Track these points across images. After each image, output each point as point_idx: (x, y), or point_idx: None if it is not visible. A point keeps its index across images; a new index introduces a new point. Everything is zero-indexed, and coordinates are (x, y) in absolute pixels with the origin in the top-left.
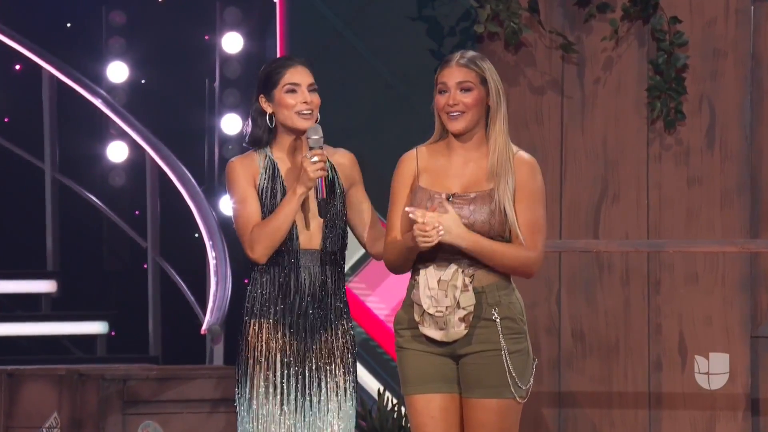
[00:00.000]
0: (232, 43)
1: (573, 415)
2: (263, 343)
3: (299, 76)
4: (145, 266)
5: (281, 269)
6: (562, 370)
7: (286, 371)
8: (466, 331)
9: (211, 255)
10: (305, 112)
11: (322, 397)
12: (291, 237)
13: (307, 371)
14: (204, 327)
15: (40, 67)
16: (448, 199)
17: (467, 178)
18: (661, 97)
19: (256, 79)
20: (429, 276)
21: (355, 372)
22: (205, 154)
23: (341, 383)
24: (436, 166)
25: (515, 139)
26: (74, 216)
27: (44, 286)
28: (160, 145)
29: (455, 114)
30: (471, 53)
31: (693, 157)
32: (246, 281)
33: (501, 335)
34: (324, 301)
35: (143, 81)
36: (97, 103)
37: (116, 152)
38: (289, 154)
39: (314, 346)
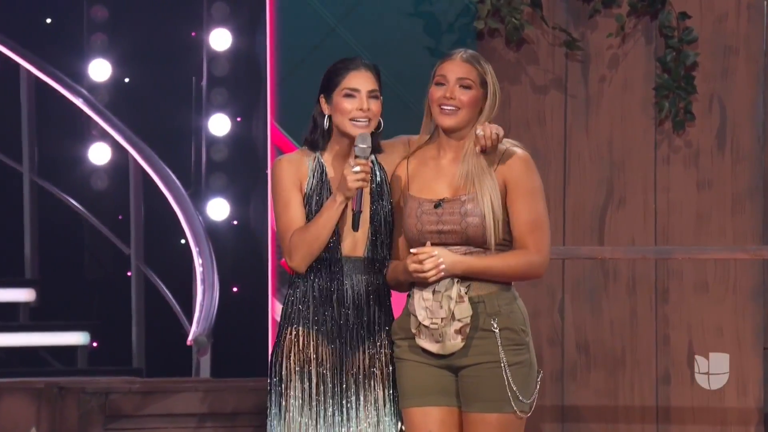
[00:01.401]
0: (220, 39)
1: (577, 430)
2: (299, 351)
3: (360, 80)
4: (129, 274)
5: (323, 276)
6: (566, 383)
7: (322, 383)
8: (463, 343)
9: (197, 262)
10: (361, 120)
11: (360, 412)
12: (334, 243)
13: (344, 383)
14: (190, 338)
15: (18, 65)
16: (436, 206)
17: (457, 180)
18: (670, 96)
19: (322, 79)
20: (424, 286)
21: (395, 386)
22: (192, 156)
23: (380, 396)
24: (425, 172)
25: (515, 139)
26: (54, 221)
27: (22, 295)
28: (144, 146)
29: (449, 109)
30: (473, 52)
31: (703, 160)
32: (235, 288)
33: (500, 347)
34: (365, 311)
35: (127, 79)
36: (78, 102)
37: (98, 154)
38: (341, 160)
39: (353, 358)
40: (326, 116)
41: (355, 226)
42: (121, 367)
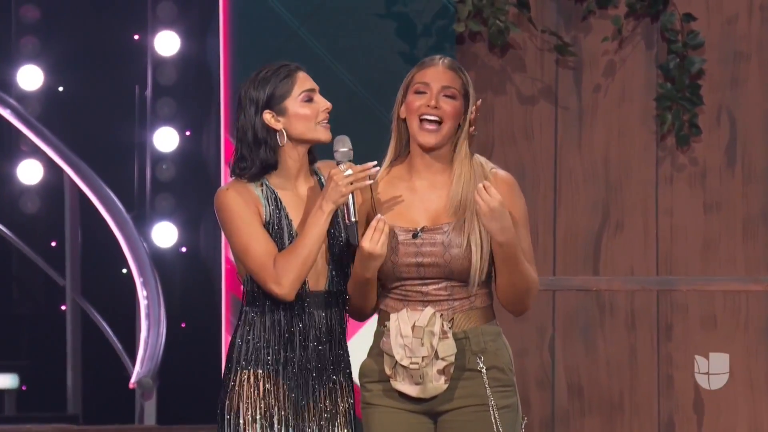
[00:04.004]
0: (167, 43)
1: None
2: (258, 397)
3: (309, 81)
4: (63, 308)
5: (282, 312)
6: (557, 431)
7: (284, 430)
8: (447, 385)
9: (141, 294)
10: (326, 121)
11: None
12: None
13: (308, 429)
14: (133, 380)
15: None
16: (415, 236)
17: (435, 206)
18: (673, 108)
19: (244, 98)
20: (402, 321)
21: (358, 428)
22: (135, 175)
23: None
24: (395, 196)
25: (500, 156)
26: None
27: None
28: (81, 164)
29: (431, 125)
30: (448, 58)
31: (710, 179)
32: (184, 324)
33: (488, 388)
34: (327, 350)
35: (61, 88)
36: (6, 114)
37: (28, 172)
38: (291, 180)
39: (317, 401)
40: (278, 131)
41: (355, 239)
42: (55, 413)
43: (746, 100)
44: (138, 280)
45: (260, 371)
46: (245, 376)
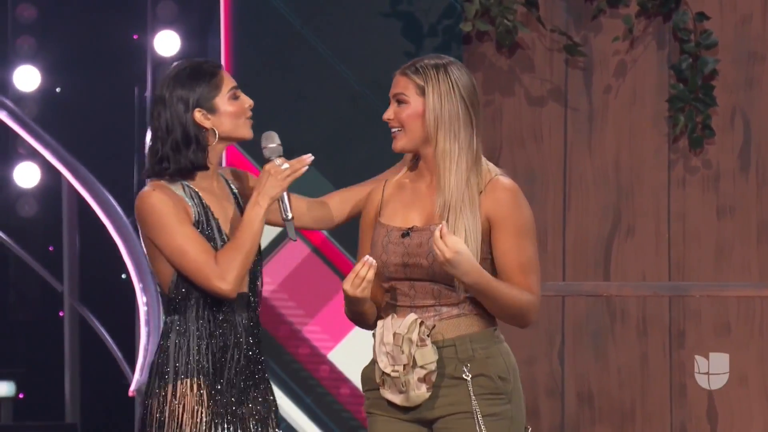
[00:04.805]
0: (167, 43)
1: None
2: (200, 408)
3: (231, 79)
4: (61, 314)
5: (212, 316)
6: None
7: None
8: (429, 393)
9: (141, 300)
10: (249, 117)
11: None
12: None
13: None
14: (132, 387)
15: None
16: (404, 235)
17: (431, 207)
18: (686, 109)
19: (170, 97)
20: (386, 329)
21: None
22: (135, 178)
23: None
24: (400, 196)
25: (508, 159)
26: None
27: None
28: (79, 166)
29: (393, 130)
30: (433, 59)
31: (724, 183)
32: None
33: (472, 395)
34: (253, 352)
35: (58, 89)
36: (2, 115)
37: (25, 176)
38: (208, 179)
39: (255, 403)
40: (209, 130)
41: (293, 234)
42: (53, 421)
43: (761, 102)
44: (137, 286)
45: (195, 381)
46: (181, 388)
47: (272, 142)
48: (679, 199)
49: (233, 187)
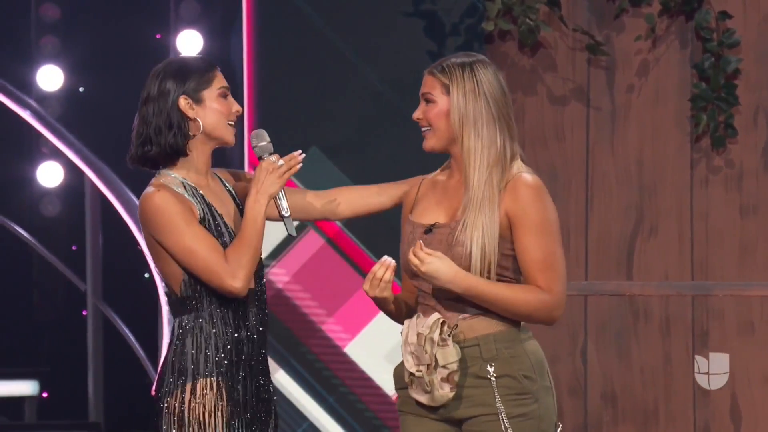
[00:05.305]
0: (190, 42)
1: None
2: (221, 405)
3: (225, 81)
4: (84, 313)
5: (226, 313)
6: None
7: None
8: (453, 393)
9: (164, 300)
10: (234, 123)
11: None
12: None
13: (263, 429)
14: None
15: None
16: (426, 232)
17: (458, 204)
18: (708, 108)
19: (161, 83)
20: (410, 329)
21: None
22: None
23: None
24: (433, 194)
25: (531, 157)
26: None
27: None
28: (102, 166)
29: (423, 129)
30: (460, 57)
31: (747, 182)
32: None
33: (497, 396)
34: (263, 350)
35: (81, 89)
36: (26, 115)
37: (49, 175)
38: (203, 177)
39: (264, 406)
40: (192, 120)
41: (292, 230)
42: (76, 420)
43: None
44: (160, 285)
45: (213, 380)
46: (200, 388)
47: (262, 140)
48: (702, 198)
49: (228, 185)
